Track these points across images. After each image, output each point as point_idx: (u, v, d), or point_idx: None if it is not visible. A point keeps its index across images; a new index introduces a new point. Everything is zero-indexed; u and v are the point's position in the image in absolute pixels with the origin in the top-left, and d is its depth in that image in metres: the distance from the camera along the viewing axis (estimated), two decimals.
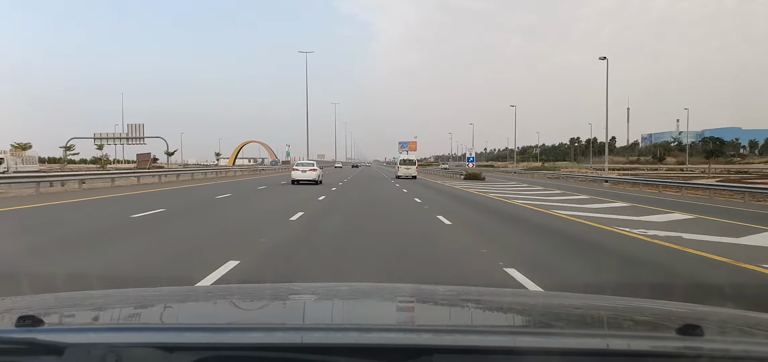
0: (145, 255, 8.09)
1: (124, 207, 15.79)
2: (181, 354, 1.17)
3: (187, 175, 41.48)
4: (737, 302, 5.83)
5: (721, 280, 7.04)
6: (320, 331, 1.42)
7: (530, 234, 11.72)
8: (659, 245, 9.67)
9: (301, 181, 31.65)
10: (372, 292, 2.28)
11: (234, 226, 11.77)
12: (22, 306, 1.71)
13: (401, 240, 10.24)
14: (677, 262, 8.16)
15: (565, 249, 9.56)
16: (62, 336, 1.27)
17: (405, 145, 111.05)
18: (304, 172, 32.35)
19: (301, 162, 38.77)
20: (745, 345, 1.37)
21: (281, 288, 2.74)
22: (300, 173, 32.32)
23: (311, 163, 36.63)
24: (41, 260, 7.60)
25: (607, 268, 7.94)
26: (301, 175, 32.05)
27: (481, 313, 1.90)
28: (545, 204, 19.15)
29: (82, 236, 9.94)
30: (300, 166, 34.52)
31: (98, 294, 2.15)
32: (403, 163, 48.85)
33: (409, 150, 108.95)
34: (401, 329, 1.53)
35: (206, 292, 2.68)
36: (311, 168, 33.13)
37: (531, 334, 1.53)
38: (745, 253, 8.72)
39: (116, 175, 30.57)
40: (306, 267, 7.44)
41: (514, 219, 14.50)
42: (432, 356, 1.16)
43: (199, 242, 9.51)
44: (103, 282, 5.97)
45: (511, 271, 6.87)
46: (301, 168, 33.36)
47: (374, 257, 8.29)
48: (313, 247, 9.18)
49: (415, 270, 7.34)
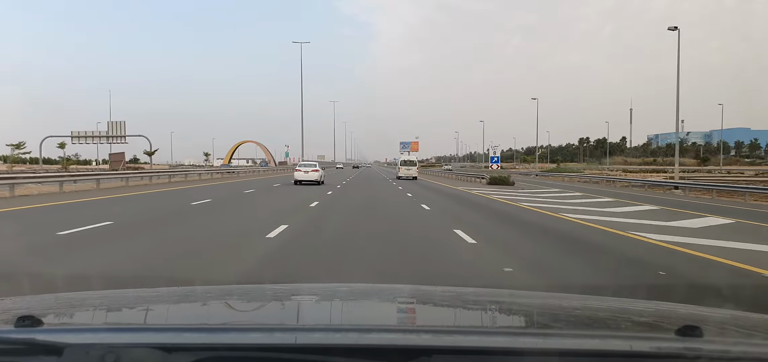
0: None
1: (38, 223, 12.22)
2: (180, 354, 1.17)
3: (165, 177, 36.58)
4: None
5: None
6: (319, 332, 1.42)
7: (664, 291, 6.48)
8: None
9: (303, 182, 31.55)
10: (371, 293, 2.28)
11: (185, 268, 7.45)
12: (22, 306, 1.71)
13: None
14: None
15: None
16: (61, 336, 1.27)
17: (406, 146, 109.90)
18: (306, 173, 32.37)
19: (304, 162, 38.61)
20: (744, 346, 1.37)
21: (280, 289, 2.75)
22: (302, 173, 32.37)
23: (313, 163, 36.65)
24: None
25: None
26: (304, 176, 32.08)
27: (481, 314, 1.90)
28: (615, 221, 13.52)
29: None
30: (303, 166, 34.48)
31: (97, 295, 2.16)
32: (403, 164, 48.94)
33: (411, 150, 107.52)
34: (401, 330, 1.53)
35: (205, 293, 2.67)
36: (313, 169, 33.15)
37: (530, 335, 1.53)
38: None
39: (66, 179, 25.04)
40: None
41: (597, 251, 9.27)
42: (431, 357, 1.16)
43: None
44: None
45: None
46: (303, 169, 33.36)
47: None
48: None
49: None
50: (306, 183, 31.37)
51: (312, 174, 32.27)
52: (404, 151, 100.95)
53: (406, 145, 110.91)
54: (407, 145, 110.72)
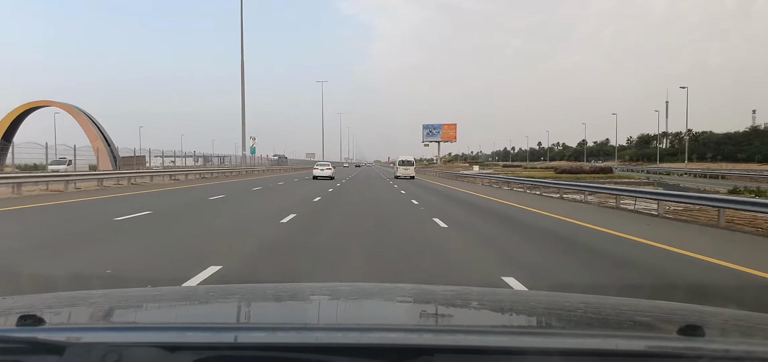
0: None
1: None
2: (182, 353, 1.17)
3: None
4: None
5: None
6: (321, 331, 1.42)
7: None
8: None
9: (319, 177, 39.64)
10: (373, 292, 2.28)
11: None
12: (23, 305, 1.70)
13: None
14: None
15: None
16: (63, 335, 1.27)
17: (436, 129, 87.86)
18: (322, 170, 41.45)
19: (320, 163, 46.44)
20: (745, 345, 1.37)
21: (282, 288, 2.75)
22: (319, 171, 41.52)
23: (327, 163, 45.26)
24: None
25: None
26: (320, 173, 40.97)
27: (482, 313, 1.90)
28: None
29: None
30: (319, 165, 43.51)
31: (99, 294, 2.15)
32: (401, 164, 48.29)
33: (442, 140, 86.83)
34: (402, 329, 1.53)
35: (207, 292, 2.68)
36: (327, 167, 42.75)
37: (531, 334, 1.53)
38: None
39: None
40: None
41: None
42: (433, 356, 1.16)
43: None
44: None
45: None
46: (319, 167, 42.73)
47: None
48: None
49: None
50: (321, 178, 39.14)
51: (326, 171, 41.52)
52: (430, 138, 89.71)
53: (433, 128, 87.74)
54: (437, 129, 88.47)
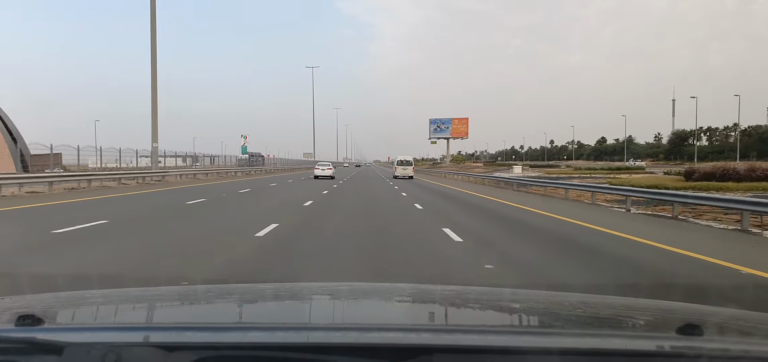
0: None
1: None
2: (181, 353, 1.16)
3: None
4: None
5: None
6: (320, 330, 1.42)
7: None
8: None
9: (320, 177, 39.77)
10: (372, 292, 2.29)
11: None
12: (22, 305, 1.70)
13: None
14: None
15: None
16: (62, 335, 1.27)
17: (444, 124, 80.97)
18: (322, 170, 41.80)
19: (321, 162, 46.72)
20: (744, 345, 1.37)
21: (281, 288, 2.76)
22: (320, 170, 41.81)
23: (328, 163, 45.60)
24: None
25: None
26: (321, 172, 41.37)
27: (481, 313, 1.90)
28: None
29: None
30: (320, 165, 43.85)
31: (98, 294, 2.16)
32: (400, 164, 47.20)
33: (452, 136, 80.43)
34: (401, 328, 1.53)
35: (206, 292, 2.68)
36: (328, 167, 43.03)
37: (531, 334, 1.53)
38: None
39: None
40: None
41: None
42: (432, 355, 1.16)
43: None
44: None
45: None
46: (320, 167, 43.04)
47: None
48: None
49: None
50: (322, 178, 39.29)
51: (327, 171, 41.77)
52: (438, 134, 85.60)
53: (442, 123, 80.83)
54: (446, 124, 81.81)
